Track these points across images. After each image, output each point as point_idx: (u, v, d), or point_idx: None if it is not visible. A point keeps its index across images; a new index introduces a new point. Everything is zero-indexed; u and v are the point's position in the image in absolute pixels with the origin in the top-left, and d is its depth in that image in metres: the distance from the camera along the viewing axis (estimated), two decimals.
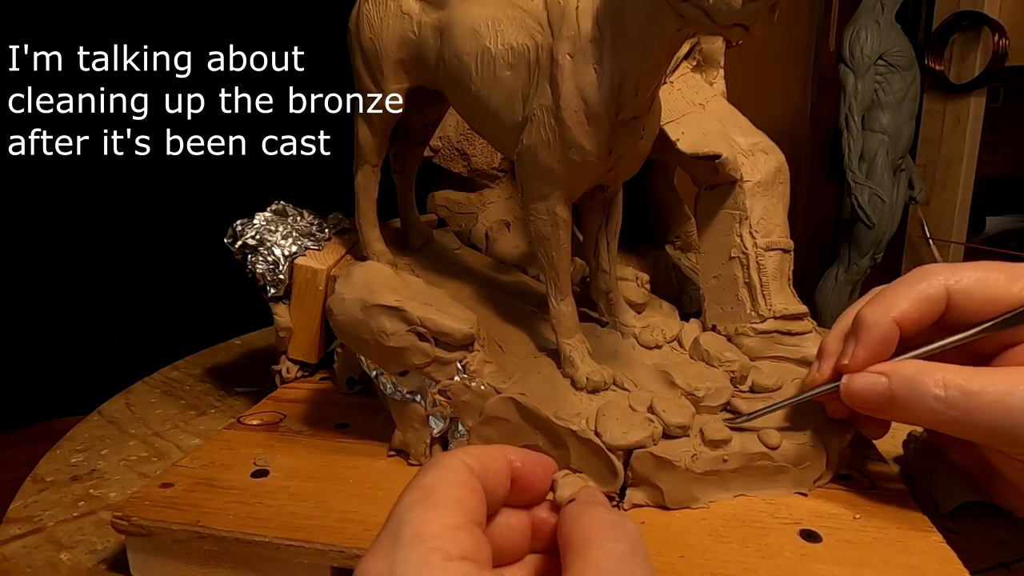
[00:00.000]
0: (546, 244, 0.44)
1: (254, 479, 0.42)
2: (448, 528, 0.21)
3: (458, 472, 0.23)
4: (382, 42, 0.49)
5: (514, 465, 0.25)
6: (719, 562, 0.34)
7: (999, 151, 1.43)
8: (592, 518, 0.22)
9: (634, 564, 0.21)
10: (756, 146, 0.52)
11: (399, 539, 0.20)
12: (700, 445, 0.39)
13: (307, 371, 0.58)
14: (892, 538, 0.36)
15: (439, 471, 0.23)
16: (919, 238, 1.48)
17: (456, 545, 0.20)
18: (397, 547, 0.20)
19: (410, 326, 0.41)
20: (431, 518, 0.21)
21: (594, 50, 0.38)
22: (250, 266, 0.56)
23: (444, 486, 0.22)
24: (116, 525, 0.38)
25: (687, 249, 0.71)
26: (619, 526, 0.22)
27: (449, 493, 0.22)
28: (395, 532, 0.21)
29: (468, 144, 0.70)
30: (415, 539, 0.20)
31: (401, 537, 0.20)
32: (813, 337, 0.49)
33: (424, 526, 0.21)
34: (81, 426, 0.59)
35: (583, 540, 0.22)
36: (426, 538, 0.20)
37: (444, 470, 0.23)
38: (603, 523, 0.22)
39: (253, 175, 0.96)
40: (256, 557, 0.37)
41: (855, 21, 1.31)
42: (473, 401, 0.42)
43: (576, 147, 0.39)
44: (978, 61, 1.33)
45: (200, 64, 0.96)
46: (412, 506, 0.21)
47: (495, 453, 0.25)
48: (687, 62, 0.57)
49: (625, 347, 0.48)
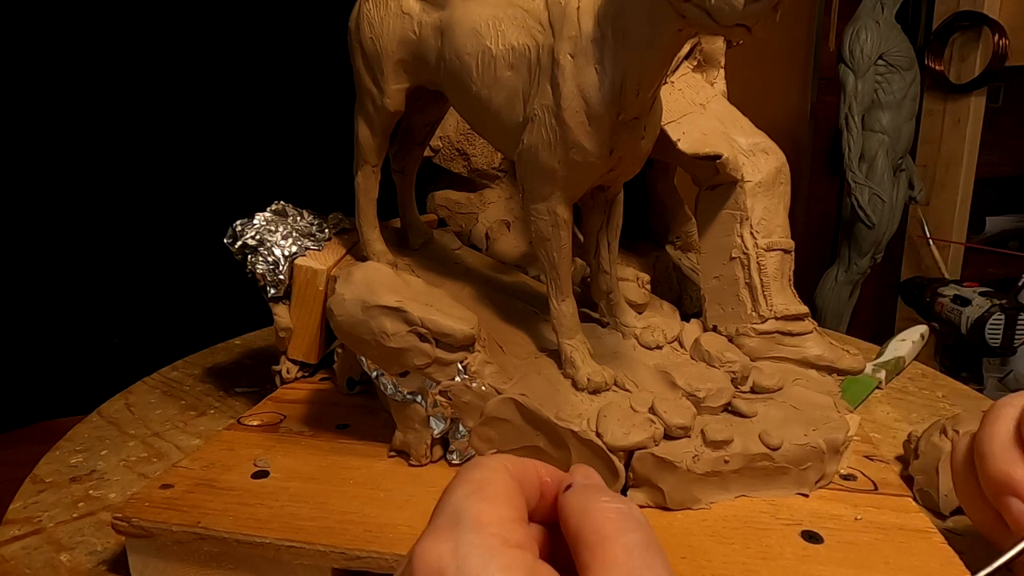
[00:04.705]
0: (547, 244, 0.44)
1: (254, 480, 0.42)
2: (504, 519, 0.22)
3: (503, 473, 0.24)
4: (382, 42, 0.49)
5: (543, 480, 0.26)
6: (720, 563, 0.34)
7: (999, 151, 1.43)
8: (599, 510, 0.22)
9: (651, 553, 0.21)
10: (757, 146, 0.52)
11: (460, 524, 0.21)
12: (701, 446, 0.39)
13: (307, 371, 0.58)
14: (893, 539, 0.36)
15: (486, 470, 0.24)
16: (919, 238, 1.48)
17: (513, 534, 0.21)
18: (459, 531, 0.21)
19: (411, 327, 0.41)
20: (487, 508, 0.22)
21: (595, 50, 0.37)
22: (250, 266, 0.56)
23: (494, 483, 0.23)
24: (116, 526, 0.38)
25: (687, 249, 0.71)
26: (628, 516, 0.22)
27: (499, 490, 0.23)
28: (454, 519, 0.22)
29: (468, 144, 0.70)
30: (476, 524, 0.21)
31: (462, 523, 0.21)
32: (814, 337, 0.49)
33: (482, 514, 0.21)
34: (80, 427, 0.59)
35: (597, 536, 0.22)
36: (486, 524, 0.21)
37: (490, 470, 0.24)
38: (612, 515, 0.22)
39: (253, 175, 0.97)
40: (257, 558, 0.37)
41: (855, 21, 1.31)
42: (474, 402, 0.42)
43: (577, 147, 0.39)
44: (978, 61, 1.33)
45: (200, 64, 0.96)
46: (467, 496, 0.22)
47: (528, 466, 0.26)
48: (688, 62, 0.57)
49: (626, 348, 0.48)
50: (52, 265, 0.92)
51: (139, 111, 0.94)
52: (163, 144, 0.96)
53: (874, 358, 0.67)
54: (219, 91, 0.97)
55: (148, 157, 0.96)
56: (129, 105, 0.93)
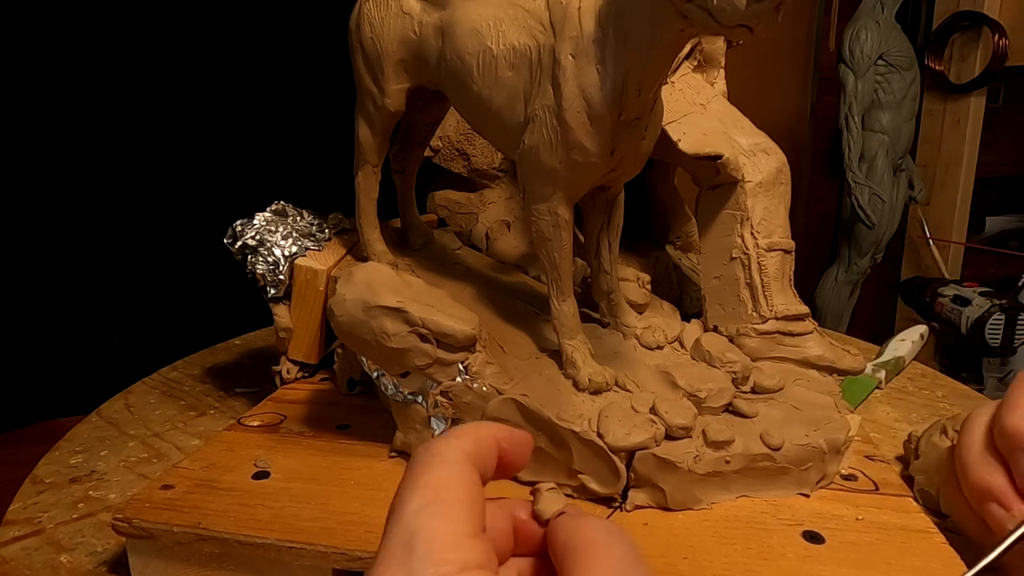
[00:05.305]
0: (548, 245, 0.44)
1: (255, 481, 0.42)
2: (461, 537, 0.21)
3: (461, 467, 0.22)
4: (383, 42, 0.49)
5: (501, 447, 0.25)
6: (722, 563, 0.34)
7: (999, 151, 1.43)
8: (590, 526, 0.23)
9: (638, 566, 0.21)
10: (757, 146, 0.52)
11: (413, 552, 0.20)
12: (702, 446, 0.39)
13: (307, 372, 0.58)
14: (895, 539, 0.36)
15: (442, 468, 0.22)
16: (919, 238, 1.48)
17: (471, 555, 0.20)
18: (412, 561, 0.20)
19: (412, 327, 0.41)
20: (443, 527, 0.21)
21: (596, 50, 0.37)
22: (250, 266, 0.56)
23: (450, 486, 0.22)
24: (116, 527, 0.38)
25: (688, 249, 0.71)
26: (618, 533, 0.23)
27: (457, 496, 0.22)
28: (407, 542, 0.20)
29: (468, 144, 0.70)
30: (430, 553, 0.20)
31: (415, 552, 0.20)
32: (815, 337, 0.49)
33: (437, 537, 0.20)
34: (80, 427, 0.59)
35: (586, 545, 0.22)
36: (441, 550, 0.20)
37: (447, 465, 0.22)
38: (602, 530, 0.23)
39: (253, 175, 0.97)
40: (258, 559, 0.37)
41: (855, 21, 1.31)
42: (475, 402, 0.42)
43: (578, 148, 0.39)
44: (978, 61, 1.33)
45: (200, 64, 0.96)
46: (420, 511, 0.21)
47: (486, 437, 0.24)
48: (688, 62, 0.57)
49: (627, 348, 0.48)
50: (52, 265, 0.92)
51: (139, 111, 0.94)
52: (163, 144, 0.96)
53: (874, 358, 0.67)
54: (219, 91, 0.97)
55: (148, 157, 0.95)
56: (129, 105, 0.93)
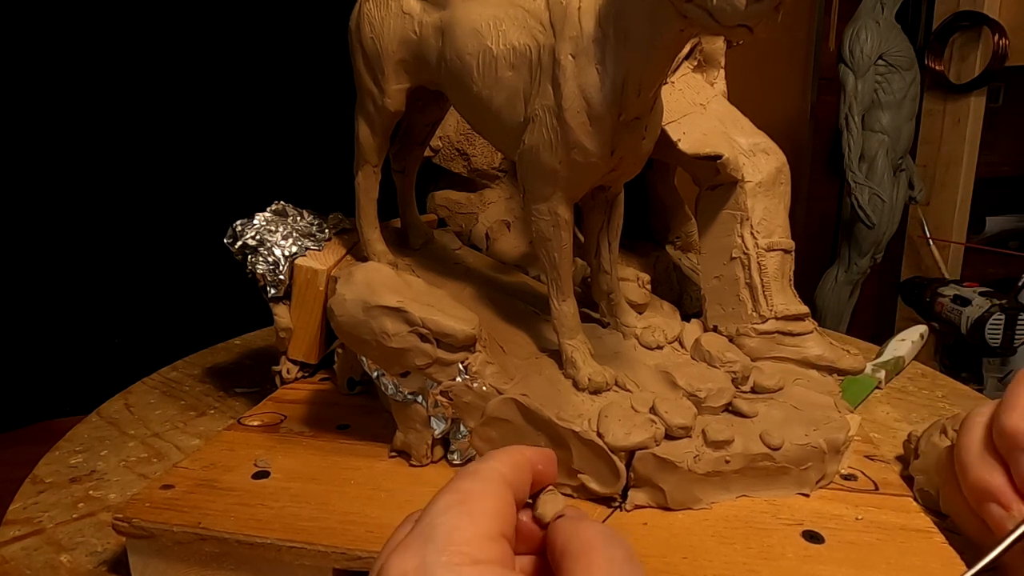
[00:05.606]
0: (548, 245, 0.44)
1: (255, 480, 0.42)
2: (480, 536, 0.21)
3: (496, 484, 0.24)
4: (383, 42, 0.49)
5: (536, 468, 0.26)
6: (722, 563, 0.34)
7: (999, 151, 1.43)
8: (589, 530, 0.24)
9: (633, 569, 0.22)
10: (757, 146, 0.52)
11: (430, 541, 0.21)
12: (702, 446, 0.39)
13: (307, 372, 0.58)
14: (894, 539, 0.36)
15: (478, 480, 0.24)
16: (919, 238, 1.48)
17: (487, 553, 0.21)
18: (427, 549, 0.21)
19: (412, 327, 0.41)
20: (465, 524, 0.22)
21: (596, 50, 0.37)
22: (250, 266, 0.56)
23: (481, 496, 0.23)
24: (117, 527, 0.38)
25: (688, 249, 0.71)
26: (616, 536, 0.23)
27: (485, 504, 0.23)
28: (426, 534, 0.21)
29: (468, 144, 0.70)
30: (446, 542, 0.21)
31: (432, 540, 0.21)
32: (814, 337, 0.49)
33: (456, 531, 0.21)
34: (80, 427, 0.59)
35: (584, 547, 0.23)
36: (457, 542, 0.21)
37: (483, 480, 0.24)
38: (601, 533, 0.23)
39: (253, 175, 0.97)
40: (258, 559, 0.37)
41: (855, 21, 1.31)
42: (475, 402, 0.42)
43: (578, 148, 0.39)
44: (978, 61, 1.33)
45: (200, 64, 0.96)
46: (447, 510, 0.22)
47: (523, 463, 0.25)
48: (688, 62, 0.57)
49: (627, 348, 0.48)
50: (52, 265, 0.92)
51: (139, 112, 0.94)
52: (163, 145, 0.96)
53: (874, 358, 0.67)
54: (219, 92, 0.97)
55: (148, 157, 0.95)
56: (129, 106, 0.93)
